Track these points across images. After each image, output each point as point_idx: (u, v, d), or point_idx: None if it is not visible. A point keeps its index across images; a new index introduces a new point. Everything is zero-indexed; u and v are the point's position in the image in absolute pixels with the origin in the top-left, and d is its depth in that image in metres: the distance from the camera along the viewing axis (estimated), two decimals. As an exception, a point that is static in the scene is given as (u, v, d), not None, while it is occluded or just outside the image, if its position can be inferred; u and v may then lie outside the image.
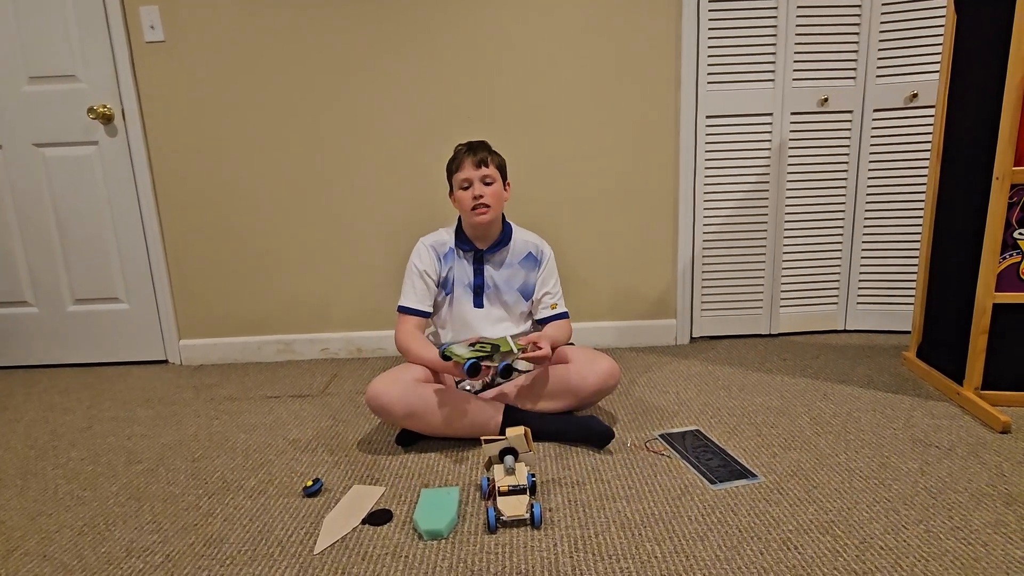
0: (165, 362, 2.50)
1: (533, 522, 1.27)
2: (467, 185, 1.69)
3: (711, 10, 2.19)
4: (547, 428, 1.63)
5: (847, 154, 2.32)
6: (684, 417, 1.77)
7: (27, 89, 2.25)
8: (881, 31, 2.20)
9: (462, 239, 1.77)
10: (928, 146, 2.24)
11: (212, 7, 2.19)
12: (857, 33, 2.21)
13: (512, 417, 1.63)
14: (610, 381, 1.69)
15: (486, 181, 1.69)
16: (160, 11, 2.18)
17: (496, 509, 1.28)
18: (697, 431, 1.68)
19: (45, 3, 2.18)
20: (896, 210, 2.32)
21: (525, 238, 1.82)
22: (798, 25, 2.20)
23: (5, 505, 1.46)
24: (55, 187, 2.34)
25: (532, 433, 1.56)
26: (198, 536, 1.30)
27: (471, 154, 1.69)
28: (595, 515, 1.31)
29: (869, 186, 2.33)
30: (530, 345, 1.57)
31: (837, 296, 2.45)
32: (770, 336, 2.48)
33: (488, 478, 1.41)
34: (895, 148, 2.28)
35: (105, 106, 2.24)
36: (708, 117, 2.27)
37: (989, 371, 1.73)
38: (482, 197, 1.66)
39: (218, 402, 2.05)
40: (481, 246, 1.77)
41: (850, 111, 2.28)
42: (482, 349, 1.53)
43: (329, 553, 1.22)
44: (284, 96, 2.26)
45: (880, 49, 2.21)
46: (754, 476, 1.44)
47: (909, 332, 2.40)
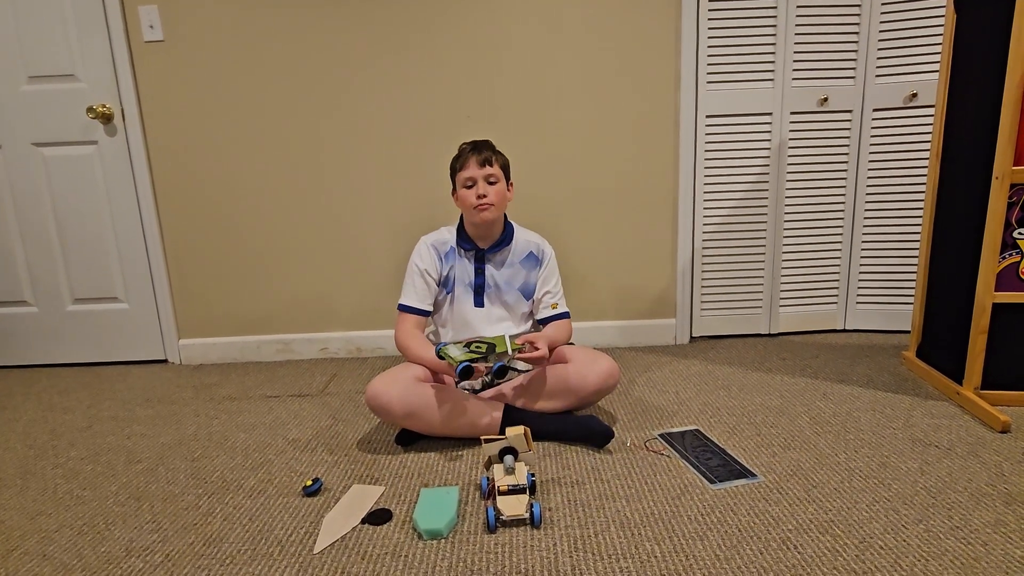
0: (165, 361, 2.50)
1: (533, 522, 1.27)
2: (471, 184, 1.69)
3: (711, 10, 2.18)
4: (547, 428, 1.63)
5: (847, 154, 2.32)
6: (684, 417, 1.78)
7: (26, 88, 2.25)
8: (881, 31, 2.20)
9: (463, 238, 1.77)
10: (927, 146, 2.24)
11: (211, 6, 2.19)
12: (857, 33, 2.21)
13: (512, 416, 1.63)
14: (610, 381, 1.68)
15: (490, 180, 1.69)
16: (159, 11, 2.18)
17: (496, 509, 1.28)
18: (697, 431, 1.68)
19: (44, 2, 2.18)
20: (896, 210, 2.32)
21: (526, 238, 1.82)
22: (798, 25, 2.20)
23: (5, 505, 1.46)
24: (54, 187, 2.34)
25: (532, 432, 1.56)
26: (198, 535, 1.30)
27: (475, 153, 1.69)
28: (595, 515, 1.31)
29: (869, 186, 2.33)
30: (527, 345, 1.57)
31: (837, 296, 2.45)
32: (770, 336, 2.48)
33: (488, 477, 1.41)
34: (894, 148, 2.28)
35: (104, 106, 2.24)
36: (708, 117, 2.27)
37: (989, 371, 1.73)
38: (486, 196, 1.66)
39: (218, 401, 2.05)
40: (483, 245, 1.76)
41: (850, 111, 2.28)
42: (477, 350, 1.53)
43: (329, 553, 1.22)
44: (284, 95, 2.26)
45: (880, 49, 2.21)
46: (754, 476, 1.44)
47: (909, 332, 2.40)
